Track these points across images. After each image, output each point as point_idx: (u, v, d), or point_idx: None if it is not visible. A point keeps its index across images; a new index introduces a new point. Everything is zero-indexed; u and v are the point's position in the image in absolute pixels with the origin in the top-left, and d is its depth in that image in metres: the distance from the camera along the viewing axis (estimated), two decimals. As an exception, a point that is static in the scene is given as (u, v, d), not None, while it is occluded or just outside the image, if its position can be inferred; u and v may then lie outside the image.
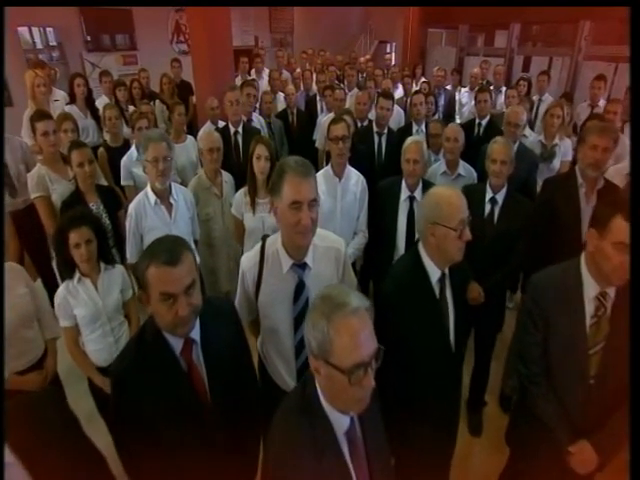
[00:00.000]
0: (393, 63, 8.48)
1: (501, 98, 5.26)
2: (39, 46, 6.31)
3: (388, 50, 11.14)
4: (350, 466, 0.99)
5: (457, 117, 5.71)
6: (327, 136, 2.60)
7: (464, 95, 5.86)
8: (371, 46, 11.26)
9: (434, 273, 1.47)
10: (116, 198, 2.77)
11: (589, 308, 1.42)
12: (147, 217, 2.30)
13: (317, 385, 0.98)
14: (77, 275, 1.93)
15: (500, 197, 2.27)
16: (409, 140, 2.49)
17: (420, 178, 2.54)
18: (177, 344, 1.22)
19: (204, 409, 1.27)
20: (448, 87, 6.12)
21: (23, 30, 6.11)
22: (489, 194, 2.28)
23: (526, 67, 8.48)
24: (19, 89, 5.81)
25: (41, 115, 2.66)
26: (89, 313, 1.94)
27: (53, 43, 6.49)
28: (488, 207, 2.29)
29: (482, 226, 2.27)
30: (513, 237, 2.23)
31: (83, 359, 2.00)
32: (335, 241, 1.59)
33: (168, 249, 1.12)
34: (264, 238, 1.55)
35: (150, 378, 1.18)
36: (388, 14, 10.33)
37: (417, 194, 2.51)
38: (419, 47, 10.05)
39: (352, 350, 0.88)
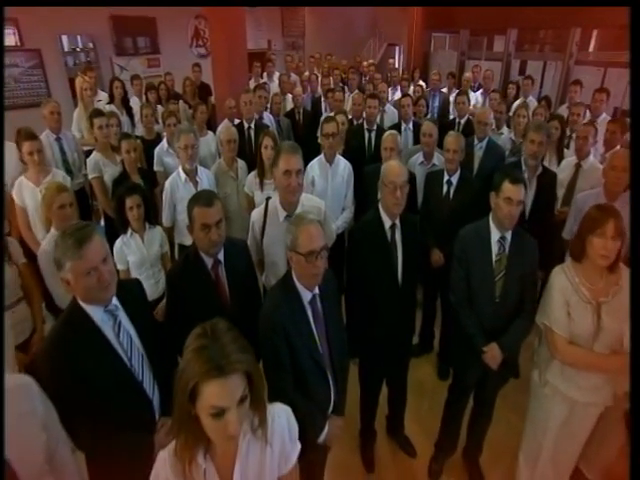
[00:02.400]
0: (397, 66, 8.99)
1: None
2: (67, 49, 7.03)
3: (397, 53, 11.54)
4: (312, 324, 1.62)
5: (451, 117, 6.21)
6: (321, 132, 3.22)
7: (457, 97, 6.37)
8: (380, 49, 11.63)
9: (387, 221, 2.10)
10: (153, 178, 3.44)
11: (494, 249, 2.02)
12: (179, 190, 2.96)
13: (292, 271, 1.60)
14: (129, 231, 2.58)
15: (454, 179, 2.86)
16: (386, 133, 3.10)
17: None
18: (209, 262, 1.86)
19: (225, 308, 1.89)
20: (444, 90, 6.64)
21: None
22: (446, 177, 2.87)
23: (522, 71, 8.97)
24: (58, 89, 6.60)
25: (98, 113, 3.39)
26: (137, 259, 2.60)
27: (80, 47, 7.22)
28: (445, 188, 2.88)
29: (441, 203, 2.88)
30: (465, 211, 2.79)
31: (133, 296, 2.66)
32: (318, 202, 2.23)
33: (206, 197, 1.78)
34: (267, 199, 2.19)
35: (191, 282, 1.82)
36: (395, 18, 10.68)
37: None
38: (423, 50, 10.55)
39: (308, 243, 1.49)
